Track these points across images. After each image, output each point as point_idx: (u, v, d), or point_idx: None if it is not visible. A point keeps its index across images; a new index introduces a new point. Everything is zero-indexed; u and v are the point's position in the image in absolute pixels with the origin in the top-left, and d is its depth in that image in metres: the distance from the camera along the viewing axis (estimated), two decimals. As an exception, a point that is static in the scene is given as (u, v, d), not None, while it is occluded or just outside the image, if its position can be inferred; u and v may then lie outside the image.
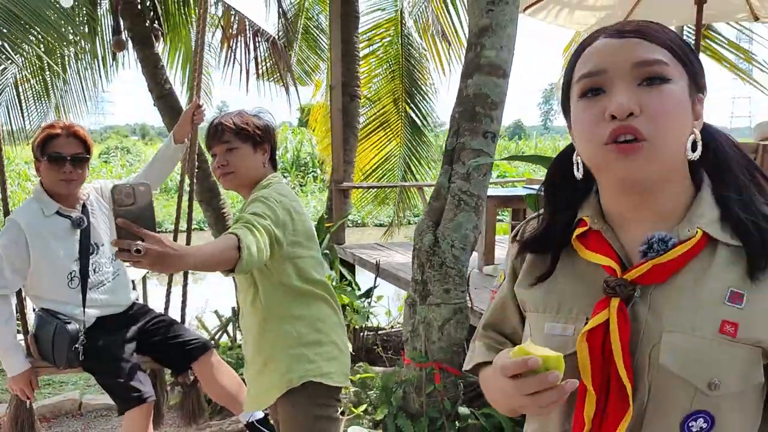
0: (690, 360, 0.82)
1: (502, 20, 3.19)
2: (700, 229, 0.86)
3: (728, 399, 0.83)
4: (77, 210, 2.68)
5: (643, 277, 0.86)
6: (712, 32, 7.10)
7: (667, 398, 0.84)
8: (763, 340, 0.82)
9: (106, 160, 20.64)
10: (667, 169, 0.86)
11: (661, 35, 0.86)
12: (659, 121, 0.82)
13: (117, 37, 5.69)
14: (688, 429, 0.84)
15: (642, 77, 0.83)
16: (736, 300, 0.83)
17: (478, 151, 3.20)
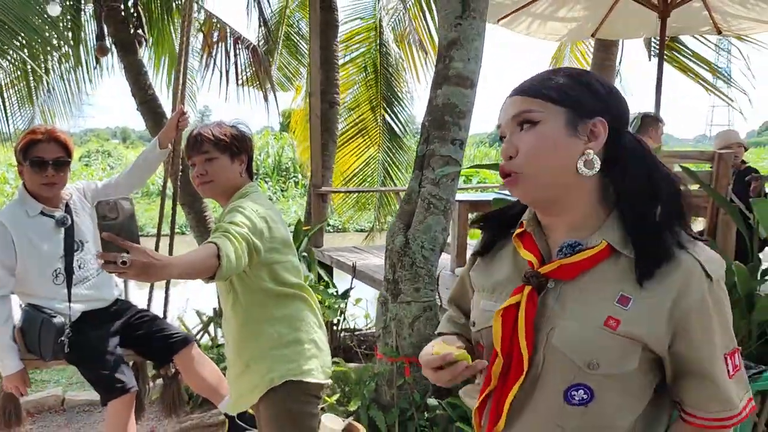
0: (575, 343, 1.03)
1: (470, 34, 3.38)
2: (605, 241, 1.05)
3: (606, 378, 1.02)
4: (60, 209, 2.82)
5: (554, 273, 1.07)
6: (679, 45, 7.36)
7: (555, 370, 1.05)
8: (639, 336, 1.01)
9: (87, 164, 20.58)
10: (553, 189, 1.06)
11: (537, 87, 1.07)
12: (528, 157, 1.05)
13: (100, 43, 5.80)
14: (571, 396, 1.04)
15: (518, 124, 1.07)
16: (624, 302, 1.02)
17: (447, 157, 3.39)
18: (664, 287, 1.01)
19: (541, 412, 1.08)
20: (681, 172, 4.11)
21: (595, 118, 1.05)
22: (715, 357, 1.03)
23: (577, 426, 1.06)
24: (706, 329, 1.02)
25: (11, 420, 2.90)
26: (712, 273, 1.02)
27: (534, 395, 1.08)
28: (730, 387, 1.04)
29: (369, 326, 5.78)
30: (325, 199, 6.28)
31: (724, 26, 6.35)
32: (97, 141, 26.86)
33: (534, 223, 1.14)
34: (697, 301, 1.01)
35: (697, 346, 1.02)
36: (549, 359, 1.06)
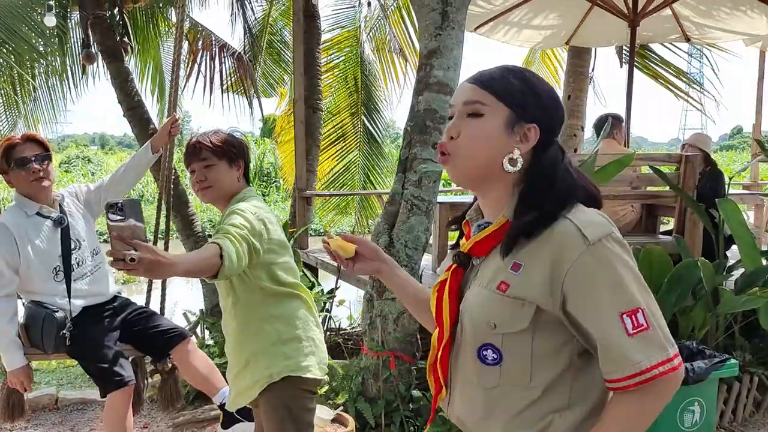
0: (477, 306, 1.19)
1: (449, 43, 3.56)
2: (504, 217, 1.18)
3: (509, 338, 1.15)
4: (56, 211, 2.96)
5: (471, 250, 1.23)
6: (649, 52, 7.63)
7: (468, 332, 1.20)
8: (523, 297, 1.12)
9: (67, 170, 20.46)
10: (478, 175, 1.19)
11: (491, 81, 1.18)
12: (461, 143, 1.18)
13: (87, 51, 5.86)
14: (484, 357, 1.18)
15: (467, 112, 1.18)
16: (515, 268, 1.14)
17: (428, 160, 3.56)
18: (544, 251, 1.11)
19: (467, 375, 1.22)
20: (651, 173, 4.33)
21: (531, 123, 1.17)
22: (604, 315, 1.08)
23: (497, 385, 1.18)
24: (588, 289, 1.08)
25: (14, 412, 3.02)
26: (590, 235, 1.08)
27: (459, 360, 1.24)
28: (628, 345, 1.06)
29: (353, 326, 5.93)
30: (309, 202, 6.43)
31: (692, 35, 6.62)
32: (77, 147, 26.68)
33: (475, 212, 1.30)
34: (574, 261, 1.08)
35: (583, 306, 1.09)
36: (463, 324, 1.21)
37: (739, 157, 29.51)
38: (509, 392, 1.18)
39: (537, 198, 1.15)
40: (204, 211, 17.03)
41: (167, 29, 6.84)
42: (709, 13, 6.19)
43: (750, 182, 8.06)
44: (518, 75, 1.20)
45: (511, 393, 1.18)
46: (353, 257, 1.41)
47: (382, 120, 8.45)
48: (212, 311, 5.68)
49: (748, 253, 3.96)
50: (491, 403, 1.20)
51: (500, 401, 1.19)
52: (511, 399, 1.18)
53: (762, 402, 4.04)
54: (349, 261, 1.41)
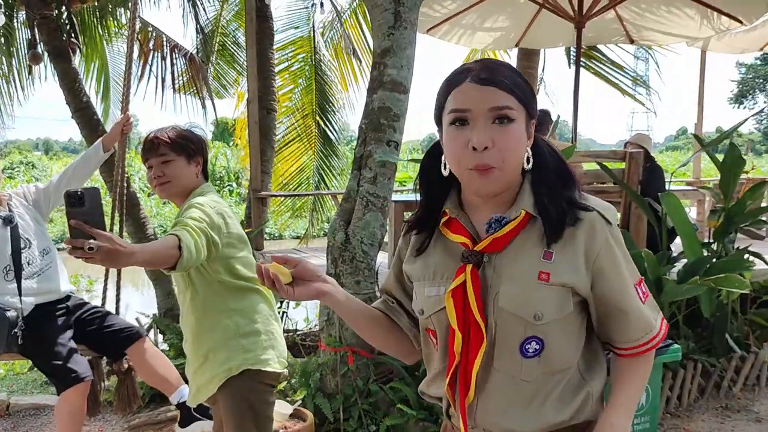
0: (518, 301, 1.16)
1: (402, 42, 3.63)
2: (524, 210, 1.19)
3: (551, 326, 1.17)
4: (5, 209, 2.91)
5: (488, 247, 1.20)
6: (597, 53, 7.86)
7: (507, 329, 1.18)
8: (567, 282, 1.16)
9: (11, 176, 19.80)
10: (512, 182, 1.20)
11: (509, 83, 1.15)
12: (506, 154, 1.14)
13: (33, 51, 5.74)
14: (526, 350, 1.18)
15: (494, 117, 1.14)
16: (548, 257, 1.16)
17: (378, 158, 3.62)
18: (576, 237, 1.17)
19: (504, 371, 1.20)
20: (597, 170, 4.48)
21: (533, 119, 1.21)
22: (627, 287, 1.21)
23: (538, 375, 1.19)
24: (615, 265, 1.20)
25: None
26: (609, 218, 1.20)
27: (494, 359, 1.20)
28: (645, 311, 1.23)
29: (309, 327, 5.95)
30: (264, 203, 6.42)
31: (636, 36, 6.86)
32: (20, 153, 25.86)
33: (458, 209, 1.26)
34: (603, 242, 1.18)
35: (612, 281, 1.19)
36: (500, 322, 1.18)
37: (683, 156, 30.55)
38: (549, 379, 1.21)
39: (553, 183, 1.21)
40: (155, 216, 16.75)
41: (117, 29, 6.73)
42: (650, 15, 6.41)
43: (693, 179, 8.38)
44: (518, 72, 1.21)
45: (550, 379, 1.21)
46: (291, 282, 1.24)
47: (337, 121, 8.48)
48: (165, 315, 5.62)
49: (690, 244, 4.14)
50: (532, 394, 1.20)
51: (541, 390, 1.20)
52: (550, 385, 1.21)
53: (705, 388, 4.22)
54: (289, 287, 1.23)
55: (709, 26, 6.30)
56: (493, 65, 1.18)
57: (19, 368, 5.29)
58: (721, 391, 4.26)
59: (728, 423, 3.91)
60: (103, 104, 7.31)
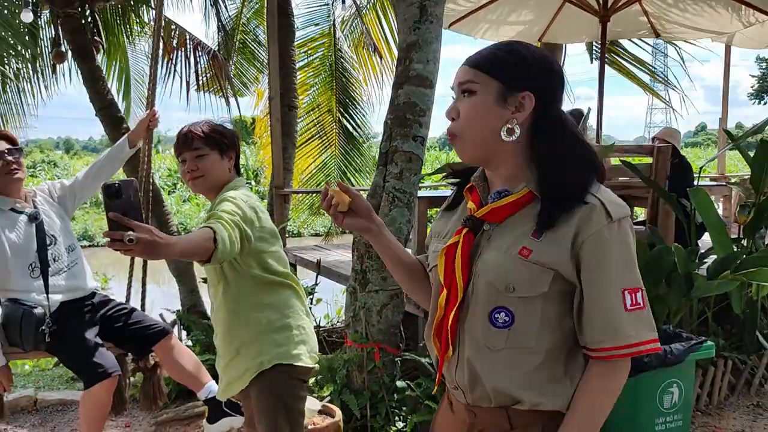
0: (495, 269, 1.22)
1: (428, 37, 3.60)
2: (527, 188, 1.23)
3: (523, 301, 1.20)
4: (30, 206, 2.92)
5: (486, 216, 1.26)
6: (619, 48, 7.77)
7: (481, 294, 1.24)
8: (548, 263, 1.18)
9: (33, 174, 20.06)
10: (483, 150, 1.25)
11: (480, 59, 1.25)
12: (463, 122, 1.25)
13: (57, 50, 5.79)
14: (495, 319, 1.22)
15: (462, 91, 1.25)
16: (536, 235, 1.19)
17: (409, 153, 3.59)
18: (569, 221, 1.17)
19: (474, 335, 1.25)
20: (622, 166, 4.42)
21: (524, 91, 1.22)
22: (609, 287, 1.16)
23: (503, 347, 1.22)
24: (601, 260, 1.16)
25: None
26: (613, 213, 1.17)
27: (467, 320, 1.26)
28: (623, 318, 1.16)
29: (332, 323, 5.95)
30: (286, 200, 6.42)
31: (661, 30, 6.76)
32: (42, 152, 26.18)
33: (481, 179, 1.33)
34: (594, 233, 1.16)
35: (592, 275, 1.17)
36: (476, 286, 1.24)
37: (703, 153, 30.12)
38: (514, 355, 1.23)
39: (550, 164, 1.21)
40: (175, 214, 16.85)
41: (140, 28, 6.77)
42: (677, 9, 6.32)
43: (717, 175, 8.25)
44: (506, 48, 1.26)
45: (515, 356, 1.23)
46: (346, 212, 1.38)
47: (360, 117, 8.46)
48: (189, 311, 5.64)
49: (720, 240, 4.07)
50: (495, 365, 1.24)
51: (504, 363, 1.23)
52: (514, 362, 1.23)
53: (736, 385, 4.16)
54: (341, 214, 1.37)
55: (738, 20, 6.20)
56: (488, 47, 1.28)
57: (44, 364, 5.34)
58: (752, 388, 4.19)
59: (760, 421, 3.84)
60: (125, 102, 7.35)
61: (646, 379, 3.04)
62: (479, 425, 1.30)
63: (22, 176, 2.91)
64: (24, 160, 3.02)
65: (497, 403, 1.25)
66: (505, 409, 1.25)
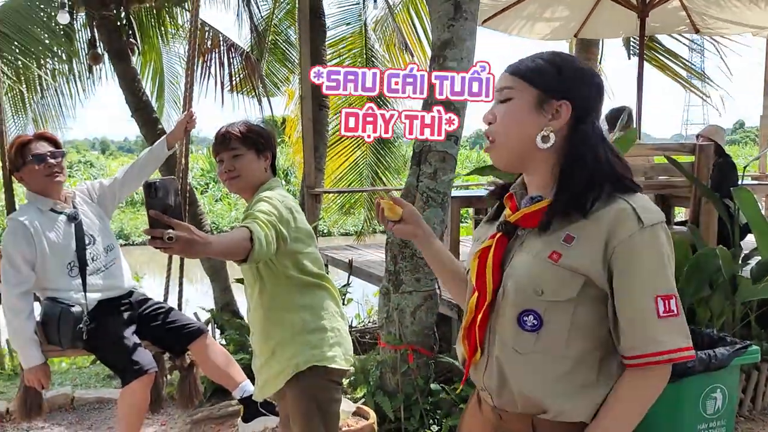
0: (524, 273, 1.23)
1: (462, 34, 3.55)
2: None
3: (552, 305, 1.20)
4: (69, 206, 2.96)
5: (519, 221, 1.28)
6: (656, 44, 7.61)
7: (510, 297, 1.24)
8: (578, 269, 1.18)
9: (70, 174, 20.47)
10: (518, 156, 1.27)
11: (519, 66, 1.28)
12: (499, 128, 1.28)
13: (93, 51, 5.88)
14: (524, 322, 1.22)
15: (499, 98, 1.29)
16: (568, 240, 1.20)
17: (443, 152, 3.55)
18: (600, 227, 1.18)
19: (503, 338, 1.26)
20: (664, 164, 4.32)
21: (561, 100, 1.24)
22: (641, 294, 1.16)
23: (531, 351, 1.22)
24: (633, 266, 1.16)
25: (32, 411, 3.00)
26: (644, 219, 1.16)
27: (497, 323, 1.27)
28: (656, 325, 1.15)
29: (363, 323, 5.93)
30: (318, 200, 6.41)
31: (701, 25, 6.60)
32: (78, 152, 26.71)
33: (520, 186, 1.36)
34: (625, 239, 1.15)
35: (624, 281, 1.16)
36: (506, 288, 1.25)
37: (742, 151, 29.37)
38: (542, 360, 1.22)
39: (569, 173, 1.23)
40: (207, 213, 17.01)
41: (174, 30, 6.84)
42: (717, 4, 6.16)
43: (759, 174, 8.02)
44: (546, 57, 1.28)
45: (543, 361, 1.22)
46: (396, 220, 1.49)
47: (391, 115, 8.42)
48: (222, 310, 5.68)
49: (765, 241, 3.94)
50: (523, 369, 1.24)
51: (532, 368, 1.23)
52: (542, 367, 1.22)
53: (780, 391, 4.02)
54: (392, 223, 1.49)
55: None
56: (529, 55, 1.30)
57: (81, 362, 5.42)
58: (798, 395, 4.04)
59: (807, 428, 3.71)
60: (158, 103, 7.44)
61: (688, 384, 2.95)
62: (505, 428, 1.30)
63: (63, 179, 2.95)
64: (65, 161, 3.05)
65: (524, 410, 1.25)
66: (531, 417, 1.25)
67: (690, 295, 3.57)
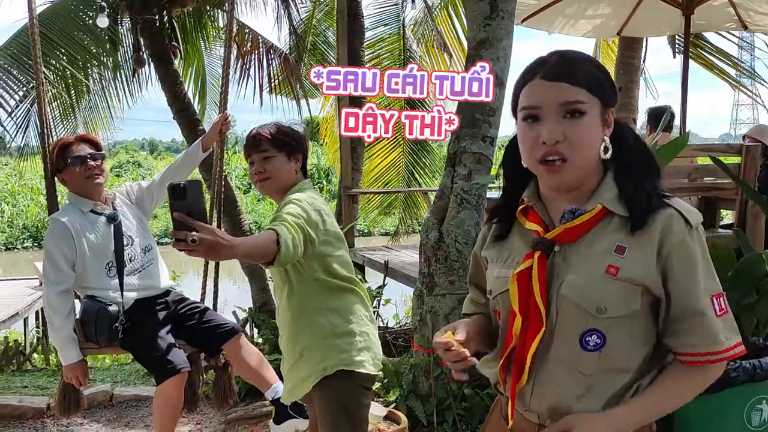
0: (583, 291, 1.18)
1: (499, 33, 3.50)
2: (600, 204, 1.19)
3: (614, 321, 1.17)
4: (109, 208, 3.01)
5: (559, 237, 1.22)
6: (703, 41, 7.38)
7: (569, 319, 1.19)
8: (637, 279, 1.16)
9: (118, 174, 21.04)
10: (584, 174, 1.21)
11: (581, 77, 1.17)
12: (576, 147, 1.16)
13: (137, 55, 6.02)
14: (586, 342, 1.18)
15: (565, 112, 1.16)
16: (620, 252, 1.17)
17: (478, 154, 3.50)
18: (651, 234, 1.16)
19: (561, 361, 1.21)
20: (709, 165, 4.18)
21: (611, 108, 1.21)
22: (700, 294, 1.16)
23: (595, 370, 1.19)
24: (689, 267, 1.16)
25: (71, 407, 3.07)
26: (691, 220, 1.17)
27: (552, 346, 1.22)
28: (716, 324, 1.17)
29: (400, 325, 5.91)
30: (355, 200, 6.44)
31: (749, 22, 6.37)
32: (127, 153, 27.42)
33: (535, 198, 1.28)
34: (679, 242, 1.15)
35: (683, 283, 1.16)
36: (562, 310, 1.20)
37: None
38: (608, 377, 1.20)
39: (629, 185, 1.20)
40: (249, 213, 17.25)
41: (215, 32, 6.94)
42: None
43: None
44: (593, 62, 1.23)
45: (610, 377, 1.20)
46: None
47: (428, 116, 8.39)
48: (260, 310, 5.73)
49: (816, 245, 3.78)
50: (586, 390, 1.20)
51: (596, 385, 1.20)
52: (607, 383, 1.20)
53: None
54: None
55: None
56: (565, 59, 1.20)
57: (123, 359, 5.54)
58: None
59: None
60: (200, 105, 7.56)
61: (733, 395, 2.84)
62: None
63: (102, 180, 3.01)
64: (106, 163, 3.11)
65: None
66: None
67: (734, 301, 3.44)
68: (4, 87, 5.68)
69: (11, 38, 5.82)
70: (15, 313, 5.74)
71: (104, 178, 3.03)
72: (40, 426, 3.98)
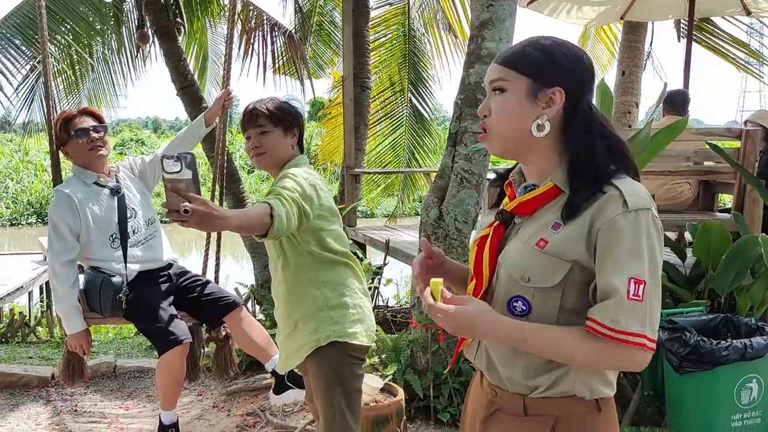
0: (514, 260, 1.26)
1: (502, 14, 3.52)
2: (552, 182, 1.26)
3: (541, 292, 1.23)
4: (113, 180, 3.06)
5: (515, 210, 1.31)
6: (710, 26, 7.35)
7: (503, 285, 1.28)
8: (565, 255, 1.20)
9: (122, 152, 21.06)
10: (514, 146, 1.28)
11: (511, 57, 1.27)
12: (494, 119, 1.27)
13: (141, 31, 6.01)
14: (513, 308, 1.26)
15: (492, 89, 1.29)
16: (555, 227, 1.23)
17: (479, 134, 3.53)
18: (585, 213, 1.20)
19: None
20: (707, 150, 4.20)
21: (554, 87, 1.24)
22: (615, 272, 1.15)
23: None
24: (611, 245, 1.16)
25: (75, 375, 3.14)
26: (630, 203, 1.17)
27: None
28: (622, 305, 1.15)
29: (400, 304, 5.97)
30: (357, 180, 6.47)
31: (753, 7, 6.35)
32: (131, 131, 27.41)
33: (518, 174, 1.38)
34: (608, 221, 1.17)
35: (601, 259, 1.17)
36: (499, 276, 1.29)
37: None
38: None
39: (576, 164, 1.23)
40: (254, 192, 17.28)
41: (219, 9, 6.93)
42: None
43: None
44: (535, 45, 1.27)
45: None
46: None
47: (431, 98, 8.40)
48: (262, 286, 5.80)
49: (812, 230, 3.81)
50: (510, 354, 1.28)
51: (519, 352, 1.26)
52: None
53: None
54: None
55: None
56: (517, 44, 1.30)
57: (126, 332, 5.62)
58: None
59: None
60: (200, 82, 7.56)
61: (723, 373, 2.90)
62: (498, 403, 1.34)
63: (106, 152, 3.05)
64: (108, 137, 3.15)
65: (513, 391, 1.30)
66: (522, 396, 1.28)
67: (729, 283, 3.48)
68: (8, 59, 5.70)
69: (15, 9, 5.82)
70: (20, 286, 5.81)
71: (107, 150, 3.07)
72: (45, 395, 4.06)
